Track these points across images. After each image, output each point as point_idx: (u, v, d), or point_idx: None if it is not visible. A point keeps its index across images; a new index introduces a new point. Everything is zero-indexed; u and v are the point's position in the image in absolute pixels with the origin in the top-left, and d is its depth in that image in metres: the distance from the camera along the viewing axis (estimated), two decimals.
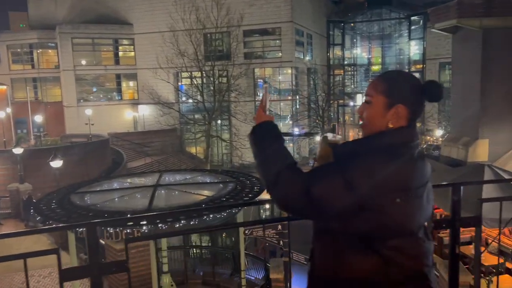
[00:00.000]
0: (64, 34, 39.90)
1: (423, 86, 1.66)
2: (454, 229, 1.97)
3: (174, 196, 8.22)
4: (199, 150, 37.70)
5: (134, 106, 41.85)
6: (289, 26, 37.70)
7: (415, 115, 1.67)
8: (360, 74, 50.32)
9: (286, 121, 39.73)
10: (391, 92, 1.65)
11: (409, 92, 1.65)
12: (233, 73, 33.33)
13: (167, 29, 33.98)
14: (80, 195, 8.34)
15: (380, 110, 1.66)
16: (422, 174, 1.62)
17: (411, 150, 1.61)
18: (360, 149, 1.62)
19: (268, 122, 1.83)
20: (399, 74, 1.72)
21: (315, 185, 1.52)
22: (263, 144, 1.73)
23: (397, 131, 1.63)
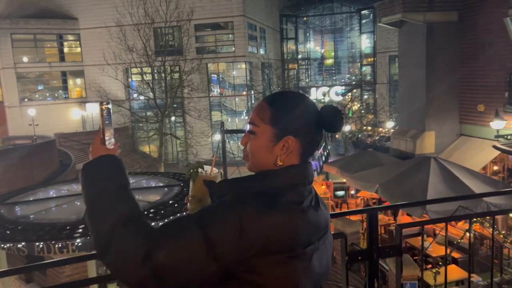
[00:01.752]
0: (2, 29, 37.43)
1: (318, 113, 1.35)
2: (372, 261, 1.72)
3: None
4: (152, 148, 36.70)
5: (82, 104, 40.06)
6: (241, 20, 37.30)
7: (309, 150, 1.37)
8: (314, 68, 50.82)
9: (241, 116, 39.44)
10: (279, 120, 1.32)
11: (301, 121, 1.32)
12: (185, 69, 32.55)
13: (114, 24, 32.61)
14: (9, 206, 7.63)
15: (265, 143, 1.34)
16: (314, 228, 1.29)
17: (301, 196, 1.29)
18: (239, 191, 1.26)
19: (107, 157, 1.35)
20: (290, 97, 1.37)
21: (161, 248, 1.11)
22: (94, 188, 1.24)
23: (285, 171, 1.30)
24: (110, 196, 1.22)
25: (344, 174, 14.14)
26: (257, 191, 1.24)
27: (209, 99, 37.99)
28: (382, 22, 15.66)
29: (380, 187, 11.97)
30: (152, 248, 1.10)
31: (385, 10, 14.99)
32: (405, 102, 16.60)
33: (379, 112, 41.04)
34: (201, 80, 35.80)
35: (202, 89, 35.02)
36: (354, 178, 13.31)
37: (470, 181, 11.30)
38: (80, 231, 6.29)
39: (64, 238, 6.17)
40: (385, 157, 14.99)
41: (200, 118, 32.29)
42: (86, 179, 1.28)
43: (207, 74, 37.93)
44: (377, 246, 1.74)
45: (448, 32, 14.27)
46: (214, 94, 38.94)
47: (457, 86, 14.76)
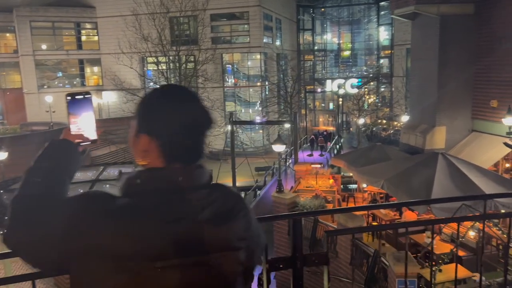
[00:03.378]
0: (22, 17, 38.07)
1: (188, 114, 1.22)
2: (295, 269, 1.65)
3: None
4: None
5: (98, 92, 40.55)
6: (257, 10, 37.06)
7: (175, 151, 1.21)
8: (330, 59, 50.30)
9: (255, 107, 39.39)
10: (139, 115, 1.25)
11: (161, 120, 1.20)
12: (200, 59, 32.59)
13: (130, 13, 32.78)
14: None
15: (131, 137, 1.28)
16: (177, 242, 1.12)
17: (157, 203, 1.14)
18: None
19: (56, 141, 1.36)
20: (162, 93, 1.26)
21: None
22: (31, 162, 1.30)
23: (145, 173, 1.20)
24: (31, 173, 1.27)
25: (351, 168, 13.99)
26: (126, 191, 1.19)
27: (223, 90, 38.02)
28: (395, 14, 15.33)
29: (385, 182, 11.81)
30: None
31: (398, 2, 14.67)
32: (416, 96, 16.30)
33: (394, 105, 40.42)
34: (215, 70, 35.80)
35: (216, 79, 35.04)
36: (360, 172, 13.17)
37: (478, 179, 11.04)
38: None
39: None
40: (394, 151, 14.77)
41: (213, 108, 32.30)
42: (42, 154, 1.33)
43: (222, 64, 37.91)
44: (301, 254, 1.67)
45: (463, 25, 13.89)
46: (228, 84, 38.94)
47: (471, 80, 14.40)
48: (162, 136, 1.20)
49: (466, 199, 7.92)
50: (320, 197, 13.94)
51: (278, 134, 16.61)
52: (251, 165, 26.68)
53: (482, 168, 11.71)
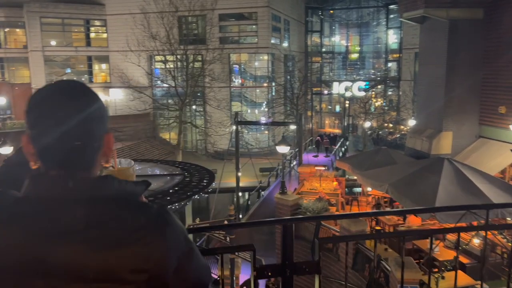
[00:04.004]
0: (32, 13, 38.33)
1: (60, 113, 1.02)
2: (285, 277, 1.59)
3: None
4: (172, 136, 37.04)
5: (106, 89, 40.71)
6: (266, 11, 37.03)
7: (42, 155, 1.03)
8: (338, 62, 50.14)
9: (261, 108, 39.35)
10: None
11: (33, 117, 1.03)
12: (207, 58, 32.61)
13: (139, 11, 32.88)
14: None
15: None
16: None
17: (35, 216, 0.99)
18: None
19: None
20: (46, 85, 1.08)
21: None
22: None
23: (29, 178, 1.04)
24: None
25: (356, 171, 13.91)
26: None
27: (230, 90, 38.02)
28: (404, 17, 15.21)
29: (390, 186, 11.72)
30: None
31: (407, 5, 14.56)
32: (424, 100, 16.16)
33: (401, 109, 40.19)
34: (222, 70, 35.81)
35: (223, 79, 35.04)
36: (364, 175, 13.08)
37: (484, 186, 10.93)
38: None
39: None
40: (399, 156, 14.67)
41: (219, 108, 32.35)
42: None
43: (229, 64, 37.92)
44: (292, 262, 1.60)
45: (472, 29, 13.75)
46: (235, 84, 38.94)
47: (479, 86, 14.26)
48: (34, 137, 1.02)
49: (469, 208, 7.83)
50: (323, 199, 13.86)
51: (283, 135, 16.57)
52: (255, 166, 26.64)
53: (488, 175, 11.58)
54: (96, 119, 1.06)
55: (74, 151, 1.03)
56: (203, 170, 9.06)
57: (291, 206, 12.84)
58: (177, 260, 1.04)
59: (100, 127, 1.07)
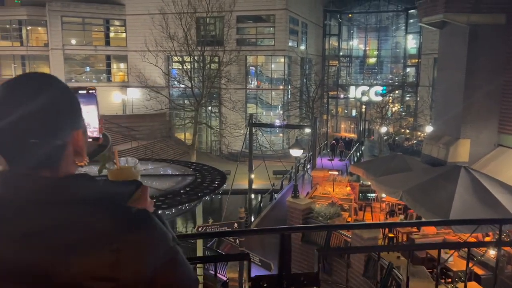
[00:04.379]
0: (54, 11, 39.03)
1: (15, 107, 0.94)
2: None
3: None
4: (187, 136, 37.22)
5: (123, 88, 41.21)
6: (283, 14, 36.99)
7: (6, 154, 0.98)
8: (355, 66, 49.80)
9: (276, 110, 39.29)
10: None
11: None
12: (224, 59, 32.69)
13: (157, 12, 33.17)
14: None
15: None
16: None
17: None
18: None
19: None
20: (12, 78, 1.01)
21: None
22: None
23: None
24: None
25: (370, 177, 13.72)
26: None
27: (246, 91, 38.06)
28: (423, 22, 14.96)
29: (404, 193, 11.51)
30: None
31: (426, 10, 14.32)
32: (441, 107, 15.86)
33: (419, 115, 39.63)
34: (239, 72, 35.86)
35: (239, 80, 35.08)
36: (378, 181, 12.88)
37: (502, 196, 10.64)
38: None
39: None
40: (415, 162, 14.41)
41: (235, 110, 32.36)
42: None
43: (245, 66, 37.97)
44: (289, 273, 1.52)
45: (493, 34, 13.44)
46: (250, 86, 38.96)
47: (499, 93, 13.91)
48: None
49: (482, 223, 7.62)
50: (336, 204, 13.72)
51: (296, 138, 16.45)
52: (269, 168, 26.56)
53: (507, 185, 11.28)
54: (58, 114, 0.98)
55: (31, 149, 0.95)
56: (215, 171, 9.03)
57: (303, 210, 12.73)
58: (153, 270, 0.95)
59: (64, 124, 0.99)
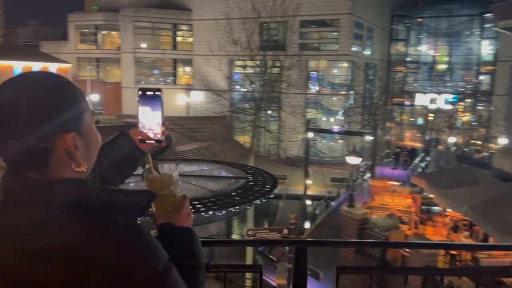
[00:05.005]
0: (127, 17, 41.31)
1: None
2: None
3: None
4: (246, 139, 37.59)
5: (188, 91, 42.61)
6: (348, 18, 36.30)
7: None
8: (423, 72, 47.61)
9: (337, 116, 38.58)
10: None
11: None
12: (285, 64, 32.70)
13: (222, 17, 33.97)
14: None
15: None
16: None
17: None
18: None
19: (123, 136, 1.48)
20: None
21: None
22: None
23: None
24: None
25: (432, 189, 12.96)
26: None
27: (306, 96, 37.77)
28: (499, 26, 13.93)
29: (470, 209, 10.75)
30: None
31: (503, 13, 13.30)
32: None
33: (492, 126, 36.99)
34: (300, 77, 35.66)
35: (300, 85, 34.87)
36: (442, 195, 12.14)
37: None
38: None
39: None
40: (484, 176, 13.40)
41: (294, 114, 32.22)
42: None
43: (307, 70, 37.69)
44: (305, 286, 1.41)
45: None
46: (311, 91, 38.61)
47: None
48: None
49: None
50: (394, 216, 13.15)
51: (354, 146, 15.98)
52: (327, 175, 26.08)
53: None
54: (37, 116, 0.93)
55: (12, 149, 0.92)
56: (268, 175, 9.00)
57: (358, 220, 12.33)
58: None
59: (46, 126, 0.93)
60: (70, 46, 45.18)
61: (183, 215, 1.17)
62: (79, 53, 45.19)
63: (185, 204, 1.20)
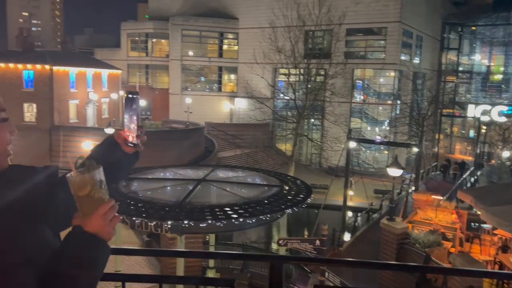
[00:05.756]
0: (176, 25, 42.58)
1: None
2: None
3: (212, 194, 8.05)
4: (288, 147, 37.49)
5: (232, 98, 43.15)
6: (397, 27, 35.44)
7: None
8: (476, 82, 45.48)
9: (382, 126, 37.59)
10: None
11: None
12: (330, 72, 32.38)
13: (268, 25, 34.21)
14: (129, 180, 8.65)
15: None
16: None
17: None
18: None
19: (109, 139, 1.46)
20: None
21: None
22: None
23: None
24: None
25: (479, 205, 12.23)
26: None
27: (350, 105, 37.14)
28: None
29: None
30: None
31: None
32: None
33: None
34: (344, 85, 35.16)
35: (344, 94, 34.36)
36: (489, 212, 11.43)
37: None
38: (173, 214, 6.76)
39: (157, 217, 6.71)
40: None
41: (337, 123, 31.74)
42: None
43: (352, 79, 37.10)
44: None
45: None
46: (356, 100, 37.92)
47: None
48: None
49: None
50: (437, 232, 12.55)
51: (395, 157, 15.41)
52: (370, 186, 25.39)
53: None
54: None
55: None
56: (302, 184, 8.87)
57: (398, 234, 11.88)
58: None
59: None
60: (121, 53, 47.14)
61: (94, 220, 1.11)
62: (130, 60, 47.04)
63: (102, 209, 1.13)
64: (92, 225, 1.10)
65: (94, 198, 1.14)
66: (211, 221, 6.65)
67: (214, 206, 7.10)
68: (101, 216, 1.12)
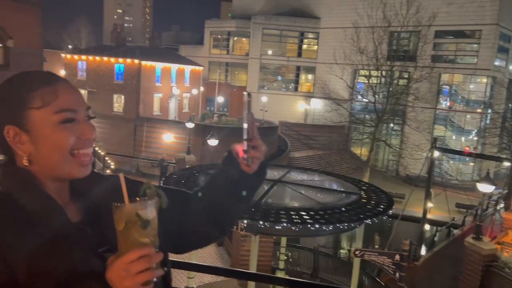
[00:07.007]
0: (257, 24, 43.10)
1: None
2: None
3: (287, 196, 7.91)
4: (363, 151, 36.29)
5: (308, 98, 42.77)
6: (493, 29, 32.71)
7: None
8: None
9: (469, 136, 34.98)
10: None
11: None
12: (414, 76, 30.74)
13: (351, 25, 33.30)
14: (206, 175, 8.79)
15: None
16: None
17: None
18: None
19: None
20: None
21: None
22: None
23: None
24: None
25: None
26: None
27: (435, 111, 35.00)
28: None
29: None
30: None
31: None
32: None
33: None
34: (429, 90, 33.16)
35: (428, 99, 32.41)
36: None
37: None
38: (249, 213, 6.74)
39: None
40: None
41: (419, 130, 30.05)
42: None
43: (438, 84, 34.92)
44: None
45: None
46: (441, 106, 35.65)
47: None
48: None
49: None
50: None
51: (488, 171, 14.15)
52: (451, 199, 23.70)
53: None
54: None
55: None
56: (383, 194, 8.42)
57: (485, 256, 10.89)
58: None
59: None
60: (204, 50, 48.80)
61: (116, 266, 0.86)
62: (211, 57, 48.51)
63: (129, 256, 0.85)
64: (111, 270, 0.86)
65: (130, 237, 0.88)
66: (286, 224, 6.53)
67: (290, 209, 6.96)
68: (125, 264, 0.85)
